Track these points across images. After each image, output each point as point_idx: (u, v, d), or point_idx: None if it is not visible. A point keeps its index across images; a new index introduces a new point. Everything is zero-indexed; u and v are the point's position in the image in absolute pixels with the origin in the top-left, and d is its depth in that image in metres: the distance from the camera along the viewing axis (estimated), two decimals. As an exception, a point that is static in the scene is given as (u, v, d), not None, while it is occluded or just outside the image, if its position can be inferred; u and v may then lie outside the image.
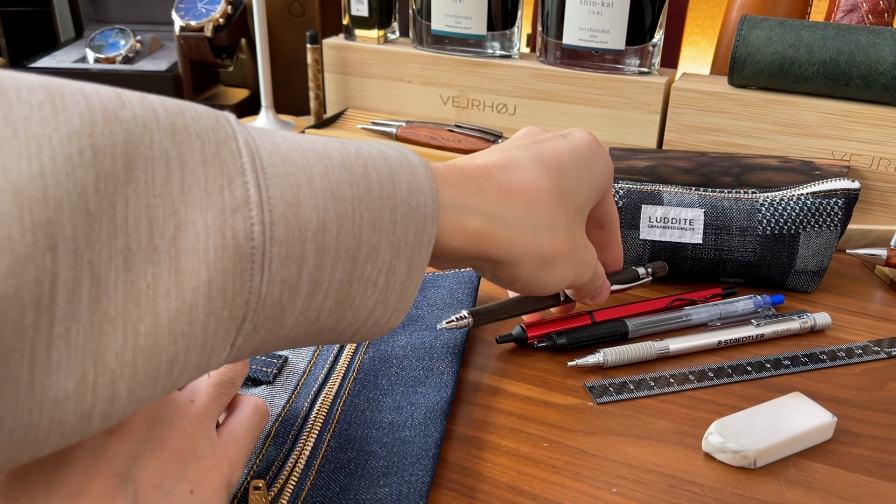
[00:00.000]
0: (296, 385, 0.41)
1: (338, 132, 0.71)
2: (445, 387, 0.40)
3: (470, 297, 0.48)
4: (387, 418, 0.38)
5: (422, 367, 0.42)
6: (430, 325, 0.45)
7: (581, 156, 0.37)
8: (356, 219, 0.27)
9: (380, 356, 0.43)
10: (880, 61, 0.58)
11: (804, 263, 0.52)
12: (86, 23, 0.96)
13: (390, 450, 0.36)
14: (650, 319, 0.47)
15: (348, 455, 0.35)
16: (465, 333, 0.44)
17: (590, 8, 0.64)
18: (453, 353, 0.43)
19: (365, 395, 0.40)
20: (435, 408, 0.38)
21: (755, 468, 0.37)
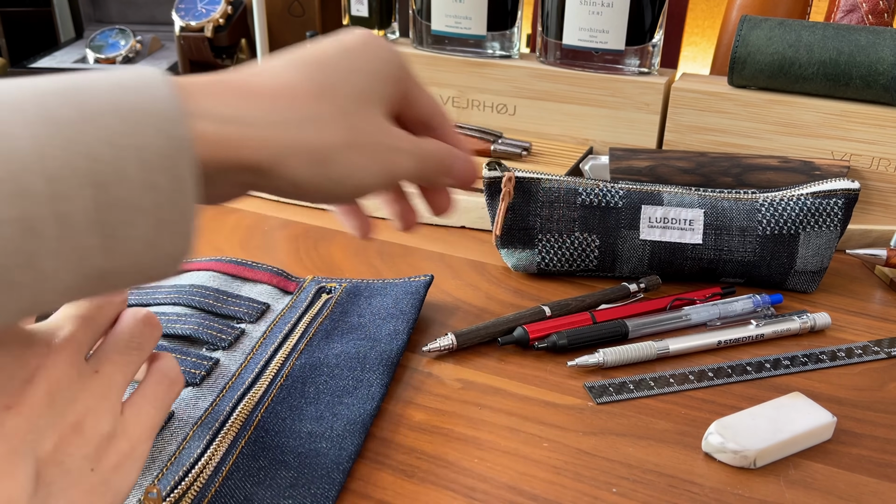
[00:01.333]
0: (223, 388, 0.40)
1: (338, 132, 0.71)
2: (371, 399, 0.39)
3: (414, 307, 0.47)
4: (306, 428, 0.37)
5: (352, 378, 0.41)
6: (370, 335, 0.45)
7: (349, 48, 0.34)
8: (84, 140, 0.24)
9: (312, 363, 0.42)
10: (880, 61, 0.58)
11: (804, 263, 0.52)
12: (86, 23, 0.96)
13: (303, 461, 0.35)
14: (650, 319, 0.47)
15: (259, 463, 0.35)
16: (400, 346, 0.44)
17: (590, 8, 0.64)
18: (386, 365, 0.42)
19: (289, 402, 0.39)
20: (356, 420, 0.38)
21: (755, 468, 0.37)
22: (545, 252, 0.53)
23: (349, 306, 0.48)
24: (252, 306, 0.47)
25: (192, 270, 0.51)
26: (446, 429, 0.39)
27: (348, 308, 0.47)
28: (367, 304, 0.48)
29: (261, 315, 0.47)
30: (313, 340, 0.44)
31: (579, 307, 0.49)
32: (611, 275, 0.54)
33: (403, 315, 0.46)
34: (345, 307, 0.47)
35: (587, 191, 0.52)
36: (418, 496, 0.34)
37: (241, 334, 0.45)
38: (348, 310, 0.47)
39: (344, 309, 0.47)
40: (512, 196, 0.52)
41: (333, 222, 0.63)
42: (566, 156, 0.67)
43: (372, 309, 0.47)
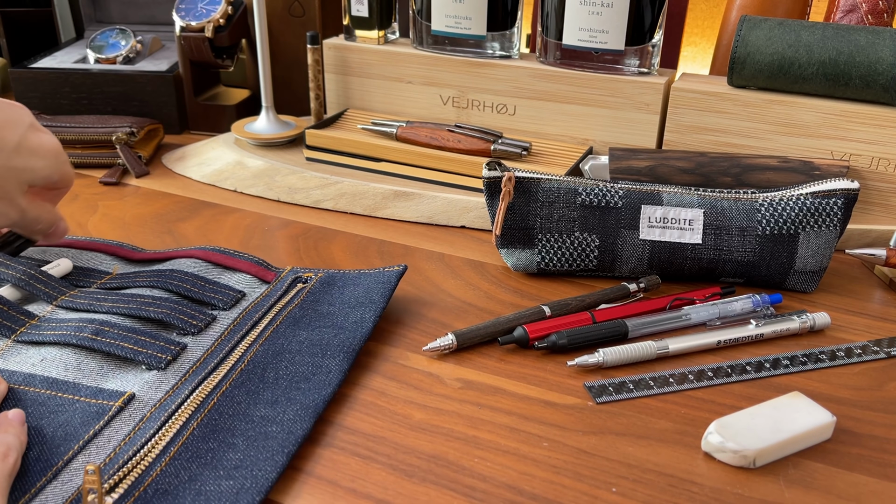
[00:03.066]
0: (186, 372, 0.41)
1: (338, 132, 0.71)
2: (328, 385, 0.40)
3: (384, 297, 0.47)
4: (260, 412, 0.38)
5: (311, 364, 0.42)
6: (336, 323, 0.45)
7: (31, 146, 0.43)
8: None
9: (275, 349, 0.43)
10: (880, 61, 0.58)
11: (804, 263, 0.52)
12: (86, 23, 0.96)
13: (251, 444, 0.36)
14: (650, 319, 0.47)
15: (209, 445, 0.36)
16: (364, 334, 0.44)
17: (589, 8, 0.64)
18: (346, 353, 0.43)
19: (247, 387, 0.40)
20: (309, 406, 0.38)
21: (755, 468, 0.37)
22: (545, 252, 0.53)
23: (322, 295, 0.49)
24: (227, 294, 0.49)
25: (177, 257, 0.53)
26: (446, 429, 0.39)
27: (320, 297, 0.48)
28: (339, 294, 0.49)
29: (235, 302, 0.49)
30: (280, 328, 0.45)
31: (579, 307, 0.49)
32: (611, 275, 0.54)
33: (372, 304, 0.47)
34: (317, 296, 0.48)
35: (587, 191, 0.52)
36: (418, 496, 0.35)
37: (212, 321, 0.46)
38: (320, 298, 0.48)
39: (316, 298, 0.48)
40: (512, 196, 0.52)
41: (333, 222, 0.63)
42: (566, 156, 0.67)
43: (343, 298, 0.48)
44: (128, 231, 0.60)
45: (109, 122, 0.73)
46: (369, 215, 0.65)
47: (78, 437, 0.36)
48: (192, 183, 0.71)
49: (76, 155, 0.73)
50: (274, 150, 0.74)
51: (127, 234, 0.60)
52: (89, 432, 0.36)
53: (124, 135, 0.72)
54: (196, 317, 0.46)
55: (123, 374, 0.41)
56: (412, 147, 0.68)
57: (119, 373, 0.41)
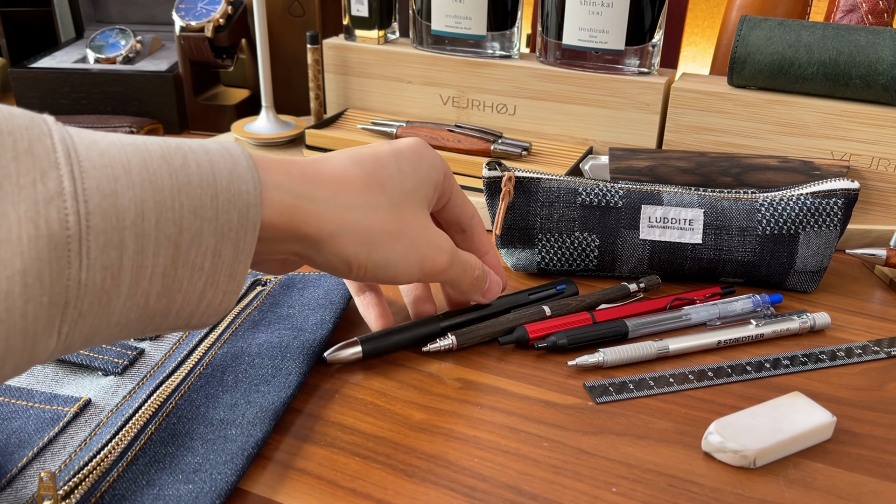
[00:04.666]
0: (143, 376, 0.41)
1: (338, 132, 0.71)
2: (287, 388, 0.40)
3: (344, 298, 0.48)
4: (219, 415, 0.38)
5: (271, 366, 0.41)
6: (297, 325, 0.45)
7: (402, 152, 0.40)
8: (176, 207, 0.28)
9: (234, 352, 0.43)
10: (880, 61, 0.58)
11: (804, 263, 0.52)
12: (86, 23, 0.96)
13: (210, 447, 0.36)
14: (650, 319, 0.47)
15: (167, 449, 0.35)
16: (325, 336, 0.44)
17: (589, 8, 0.64)
18: (306, 355, 0.42)
19: (206, 390, 0.40)
20: (269, 408, 0.38)
21: (755, 468, 0.37)
22: (545, 252, 0.53)
23: (281, 297, 0.48)
24: None
25: None
26: (446, 429, 0.39)
27: (280, 299, 0.48)
28: (298, 296, 0.48)
29: None
30: (239, 331, 0.45)
31: (579, 307, 0.49)
32: (611, 274, 0.54)
33: (332, 305, 0.47)
34: (276, 298, 0.48)
35: (587, 191, 0.52)
36: (418, 496, 0.35)
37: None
38: (279, 301, 0.48)
39: (275, 300, 0.48)
40: (512, 196, 0.52)
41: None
42: (566, 156, 0.67)
43: (302, 300, 0.48)
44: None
45: (109, 122, 0.73)
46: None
47: (32, 443, 0.36)
48: (191, 183, 0.70)
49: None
50: (274, 150, 0.74)
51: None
52: (44, 438, 0.36)
53: (124, 135, 0.72)
54: None
55: (79, 379, 0.41)
56: (412, 147, 0.68)
57: (74, 378, 0.41)
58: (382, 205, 0.37)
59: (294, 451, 0.37)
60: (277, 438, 0.38)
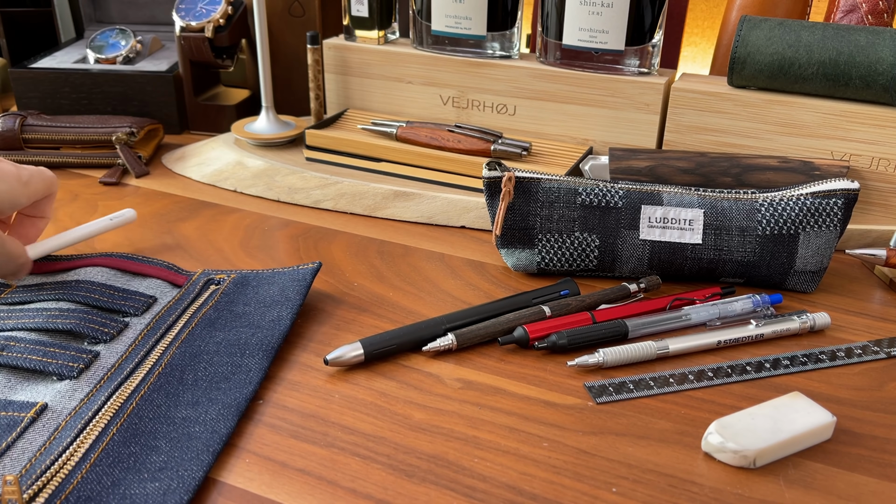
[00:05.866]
0: (100, 379, 0.41)
1: (338, 132, 0.71)
2: (248, 384, 0.40)
3: (300, 294, 0.48)
4: (181, 414, 0.38)
5: (231, 364, 0.42)
6: (253, 322, 0.45)
7: None
8: None
9: (192, 351, 0.43)
10: (880, 62, 0.58)
11: (804, 263, 0.52)
12: (86, 23, 0.96)
13: (174, 445, 0.36)
14: (650, 319, 0.47)
15: (131, 449, 0.35)
16: (282, 332, 0.44)
17: (590, 8, 0.64)
18: (265, 351, 0.43)
19: (166, 389, 0.40)
20: (231, 404, 0.38)
21: (755, 468, 0.37)
22: (545, 252, 0.53)
23: (236, 296, 0.48)
24: (138, 300, 0.48)
25: (82, 266, 0.51)
26: (446, 429, 0.39)
27: (235, 298, 0.48)
28: (253, 293, 0.48)
29: (147, 308, 0.48)
30: (195, 330, 0.45)
31: (579, 307, 0.49)
32: (611, 275, 0.54)
33: (288, 302, 0.47)
34: (231, 297, 0.48)
35: (587, 191, 0.52)
36: (418, 496, 0.35)
37: (124, 327, 0.45)
38: (235, 299, 0.48)
39: (230, 299, 0.48)
40: (512, 196, 0.52)
41: (333, 222, 0.63)
42: (566, 156, 0.67)
43: (258, 297, 0.48)
44: (128, 231, 0.60)
45: (109, 122, 0.73)
46: (369, 215, 0.65)
47: None
48: (191, 183, 0.71)
49: (76, 155, 0.73)
50: (274, 150, 0.74)
51: (127, 234, 0.60)
52: (1, 445, 0.35)
53: (124, 135, 0.72)
54: (107, 324, 0.45)
55: (33, 385, 0.40)
56: (412, 147, 0.68)
57: (28, 384, 0.40)
58: None
59: (294, 450, 0.37)
60: (277, 439, 0.38)
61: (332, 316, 0.49)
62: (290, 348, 0.45)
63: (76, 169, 0.73)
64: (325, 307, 0.50)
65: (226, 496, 0.34)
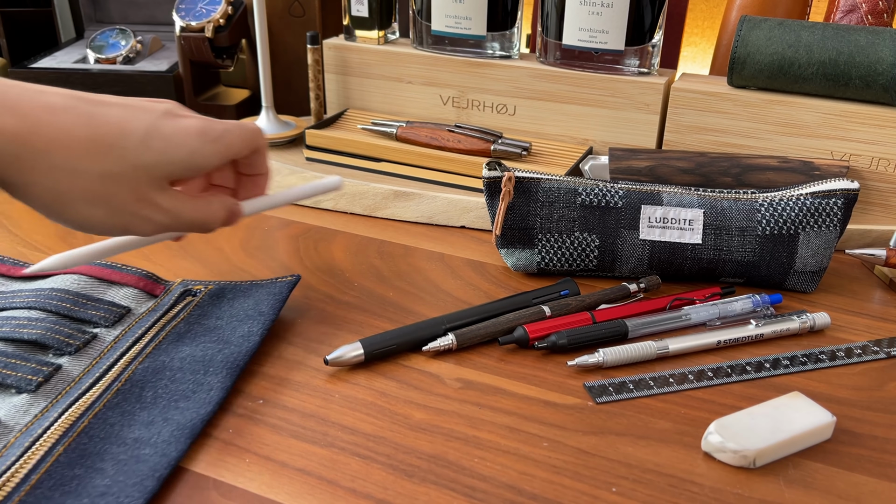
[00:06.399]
0: (58, 394, 0.39)
1: (338, 132, 0.71)
2: (207, 404, 0.38)
3: (274, 309, 0.46)
4: (134, 434, 0.36)
5: (193, 381, 0.40)
6: (223, 337, 0.43)
7: (161, 130, 0.39)
8: None
9: (156, 367, 0.41)
10: (879, 62, 0.58)
11: (803, 263, 0.52)
12: (86, 23, 0.96)
13: (120, 468, 0.34)
14: (650, 319, 0.47)
15: (75, 472, 0.34)
16: (251, 349, 0.43)
17: (589, 8, 0.64)
18: (230, 369, 0.41)
19: (123, 407, 0.38)
20: (186, 426, 0.37)
21: (755, 468, 0.37)
22: (545, 252, 0.53)
23: (210, 308, 0.47)
24: (110, 310, 0.46)
25: (59, 274, 0.50)
26: (446, 429, 0.39)
27: (208, 310, 0.47)
28: (228, 306, 0.47)
29: (118, 319, 0.46)
30: (162, 344, 0.43)
31: (579, 307, 0.49)
32: (611, 275, 0.54)
33: (261, 316, 0.45)
34: (205, 309, 0.47)
35: (587, 191, 0.52)
36: (418, 496, 0.35)
37: (92, 338, 0.44)
38: (208, 312, 0.47)
39: (204, 311, 0.47)
40: (512, 196, 0.52)
41: (333, 222, 0.63)
42: (566, 156, 0.67)
43: (232, 311, 0.46)
44: (128, 231, 0.60)
45: (109, 122, 0.73)
46: (369, 215, 0.65)
47: None
48: (192, 183, 0.71)
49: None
50: (274, 150, 0.74)
51: (127, 234, 0.60)
52: None
53: (124, 135, 0.72)
54: (74, 335, 0.43)
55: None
56: (412, 147, 0.68)
57: None
58: (92, 172, 0.36)
59: (294, 450, 0.37)
60: (277, 439, 0.38)
61: (332, 316, 0.49)
62: (290, 348, 0.45)
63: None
64: (325, 307, 0.50)
65: (226, 496, 0.34)
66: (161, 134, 0.38)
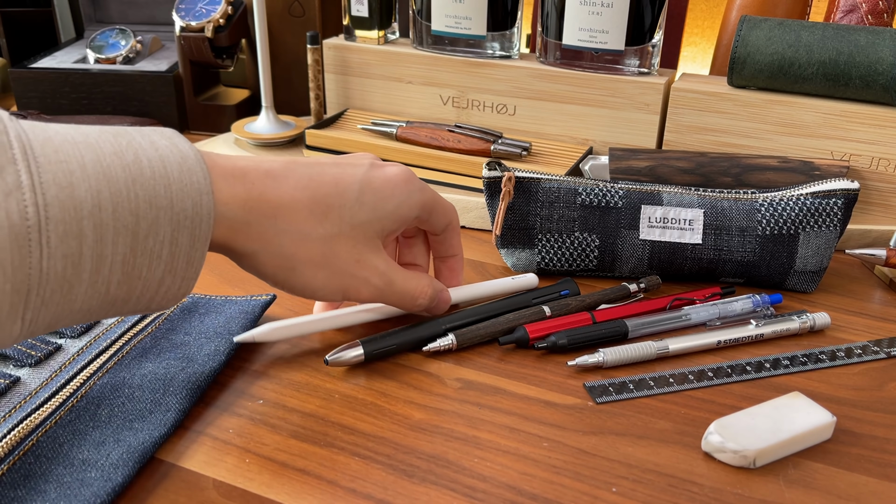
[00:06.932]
0: (11, 409, 0.37)
1: (338, 132, 0.71)
2: (163, 426, 0.37)
3: (243, 328, 0.44)
4: (82, 455, 0.35)
5: (151, 401, 0.38)
6: (188, 355, 0.42)
7: (372, 183, 0.40)
8: (131, 197, 0.30)
9: (115, 383, 0.40)
10: (879, 62, 0.58)
11: (804, 263, 0.52)
12: (86, 23, 0.96)
13: (63, 492, 0.32)
14: (650, 319, 0.47)
15: (17, 493, 0.32)
16: (214, 368, 0.41)
17: (589, 8, 0.64)
18: (190, 389, 0.39)
19: (75, 426, 0.36)
20: (136, 448, 0.35)
21: (755, 468, 0.37)
22: (545, 252, 0.53)
23: (179, 323, 0.45)
24: None
25: None
26: (446, 429, 0.39)
27: (177, 325, 0.45)
28: (199, 322, 0.45)
29: (86, 329, 0.44)
30: (126, 359, 0.42)
31: (579, 307, 0.49)
32: (611, 275, 0.54)
33: (230, 335, 0.44)
34: (174, 324, 0.45)
35: (587, 191, 0.52)
36: (418, 496, 0.35)
37: (55, 350, 0.42)
38: (177, 327, 0.45)
39: (173, 325, 0.45)
40: (512, 196, 0.52)
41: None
42: (566, 156, 0.67)
43: (202, 327, 0.45)
44: (128, 231, 0.60)
45: (109, 122, 0.73)
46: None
47: None
48: (192, 183, 0.71)
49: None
50: (274, 150, 0.74)
51: (127, 234, 0.60)
52: None
53: (124, 135, 0.72)
54: (36, 346, 0.42)
55: None
56: (412, 147, 0.68)
57: None
58: (316, 235, 0.38)
59: (294, 450, 0.37)
60: (277, 439, 0.38)
61: (332, 316, 0.49)
62: (290, 348, 0.45)
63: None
64: (325, 307, 0.50)
65: (226, 496, 0.34)
66: (372, 187, 0.39)
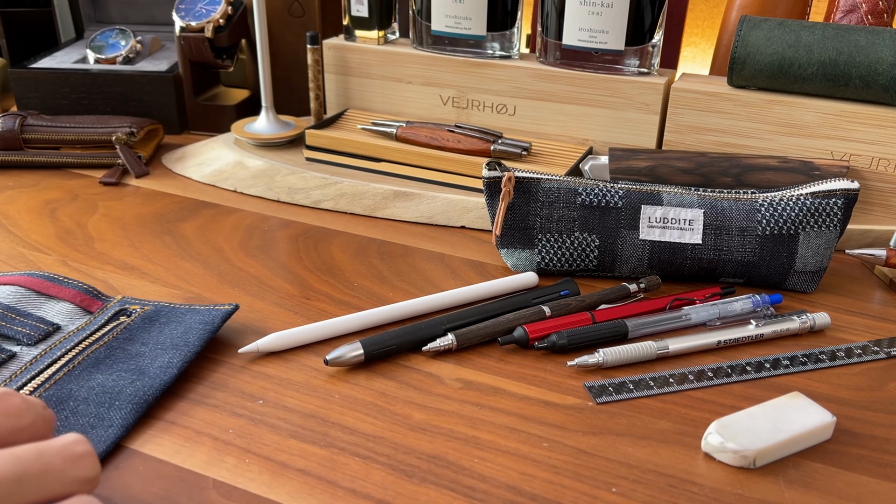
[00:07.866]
0: None
1: (338, 132, 0.71)
2: (102, 442, 0.36)
3: (201, 339, 0.43)
4: None
5: (95, 415, 0.37)
6: (140, 367, 0.41)
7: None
8: None
9: (61, 395, 0.38)
10: (879, 62, 0.58)
11: (804, 263, 0.52)
12: (86, 23, 0.96)
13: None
14: (650, 319, 0.47)
15: None
16: (165, 382, 0.40)
17: (589, 8, 0.64)
18: (136, 404, 0.38)
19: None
20: None
21: (755, 468, 0.37)
22: (545, 252, 0.53)
23: (138, 332, 0.44)
24: (37, 327, 0.44)
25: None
26: (446, 429, 0.39)
27: (137, 334, 0.44)
28: (158, 332, 0.44)
29: (43, 337, 0.44)
30: (76, 369, 0.41)
31: (579, 307, 0.49)
32: (611, 275, 0.54)
33: (186, 346, 0.43)
34: (133, 333, 0.44)
35: (587, 191, 0.52)
36: (418, 496, 0.35)
37: (9, 358, 0.41)
38: (135, 336, 0.44)
39: (132, 335, 0.44)
40: (512, 196, 0.52)
41: (334, 222, 0.63)
42: (566, 156, 0.67)
43: (160, 337, 0.44)
44: (128, 231, 0.60)
45: (109, 123, 0.73)
46: (369, 215, 0.65)
47: None
48: (191, 183, 0.71)
49: (76, 155, 0.73)
50: (274, 150, 0.74)
51: (127, 234, 0.60)
52: None
53: (124, 135, 0.72)
54: None
55: None
56: (412, 147, 0.68)
57: None
58: None
59: (294, 450, 0.37)
60: (277, 439, 0.38)
61: (332, 316, 0.49)
62: (290, 348, 0.45)
63: (76, 169, 0.73)
64: (325, 307, 0.50)
65: (226, 496, 0.34)
66: None
